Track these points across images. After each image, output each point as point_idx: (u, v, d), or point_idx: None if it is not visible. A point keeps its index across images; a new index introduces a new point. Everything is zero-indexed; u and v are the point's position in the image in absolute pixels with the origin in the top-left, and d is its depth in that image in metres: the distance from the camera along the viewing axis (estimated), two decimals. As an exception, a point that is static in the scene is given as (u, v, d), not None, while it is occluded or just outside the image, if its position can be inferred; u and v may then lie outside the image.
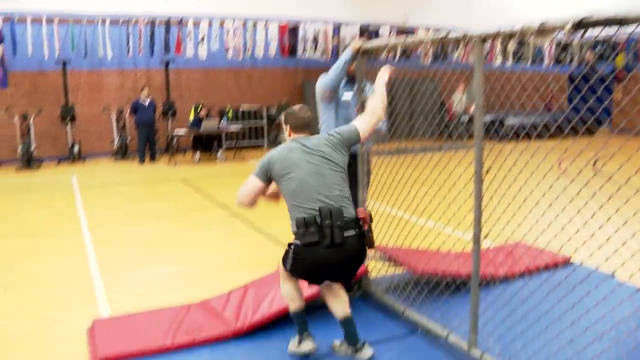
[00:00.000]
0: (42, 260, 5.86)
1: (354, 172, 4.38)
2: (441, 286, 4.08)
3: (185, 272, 5.35)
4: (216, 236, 6.62)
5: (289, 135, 3.53)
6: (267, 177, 3.38)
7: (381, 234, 4.40)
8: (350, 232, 3.21)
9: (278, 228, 6.43)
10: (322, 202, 3.21)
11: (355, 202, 4.38)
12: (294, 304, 3.44)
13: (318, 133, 4.46)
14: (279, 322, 3.77)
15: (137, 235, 6.68)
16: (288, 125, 3.53)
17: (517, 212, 3.56)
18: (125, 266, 5.59)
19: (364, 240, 3.31)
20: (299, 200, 3.25)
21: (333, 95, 4.35)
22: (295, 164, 3.30)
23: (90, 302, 4.65)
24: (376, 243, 4.45)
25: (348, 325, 3.39)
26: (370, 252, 4.27)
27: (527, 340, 3.25)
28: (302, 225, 3.15)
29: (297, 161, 3.31)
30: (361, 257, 3.33)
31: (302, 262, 3.22)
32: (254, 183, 3.39)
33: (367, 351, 3.40)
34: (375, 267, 4.58)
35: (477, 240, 3.25)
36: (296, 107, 3.64)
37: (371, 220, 3.44)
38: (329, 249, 3.13)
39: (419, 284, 4.14)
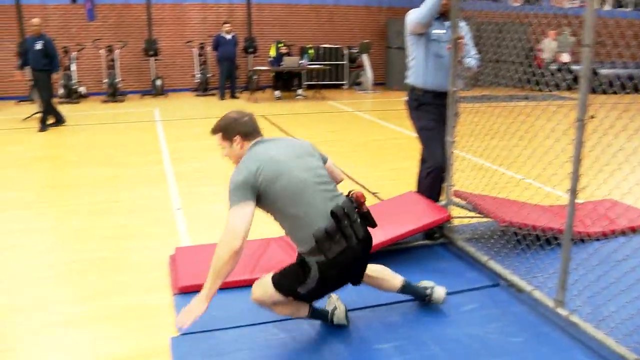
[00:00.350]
0: (127, 189, 6.03)
1: (443, 113, 4.20)
2: (528, 239, 3.89)
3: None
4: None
5: (241, 148, 2.87)
6: (255, 192, 2.67)
7: (467, 182, 4.23)
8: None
9: (364, 174, 6.33)
10: (327, 201, 2.72)
11: (442, 146, 4.22)
12: (303, 311, 3.04)
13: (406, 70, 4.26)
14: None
15: (218, 169, 6.73)
16: (237, 136, 2.85)
17: (615, 170, 3.30)
18: (206, 199, 5.66)
19: (367, 222, 2.88)
20: (302, 207, 2.68)
21: (425, 30, 4.17)
22: (281, 162, 2.72)
23: (172, 231, 4.74)
24: (461, 190, 4.32)
25: (408, 291, 3.26)
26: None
27: (621, 303, 3.05)
28: (326, 239, 2.64)
29: (281, 158, 2.74)
30: (371, 242, 2.90)
31: (330, 278, 2.75)
32: (245, 208, 2.63)
33: (439, 294, 3.28)
34: (458, 214, 4.42)
35: (573, 190, 3.01)
36: (230, 113, 2.94)
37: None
38: (356, 247, 2.72)
39: (504, 235, 3.97)
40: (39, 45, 9.29)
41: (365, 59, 14.81)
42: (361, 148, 7.86)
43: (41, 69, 9.38)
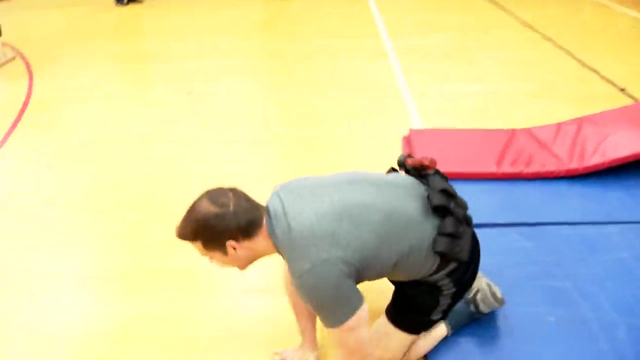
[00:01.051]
0: (346, 63, 5.88)
1: None
2: None
3: (495, 92, 4.88)
4: (526, 59, 5.87)
5: (243, 248, 1.77)
6: (356, 274, 1.75)
7: None
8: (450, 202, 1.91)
9: (607, 66, 5.45)
10: (415, 201, 1.88)
11: None
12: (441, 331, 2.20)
13: None
14: (619, 171, 3.21)
15: (438, 47, 6.31)
16: (231, 241, 1.74)
17: None
18: (431, 78, 5.32)
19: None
20: (403, 242, 1.81)
21: None
22: (354, 216, 1.75)
23: (399, 110, 4.55)
24: None
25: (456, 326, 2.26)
26: None
27: None
28: (451, 244, 1.84)
29: (346, 207, 1.77)
30: None
31: (468, 280, 2.01)
32: (361, 311, 1.76)
33: (486, 302, 2.22)
34: None
35: None
36: (202, 206, 1.73)
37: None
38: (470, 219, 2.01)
39: None
40: None
41: None
42: (597, 36, 6.82)
43: None
